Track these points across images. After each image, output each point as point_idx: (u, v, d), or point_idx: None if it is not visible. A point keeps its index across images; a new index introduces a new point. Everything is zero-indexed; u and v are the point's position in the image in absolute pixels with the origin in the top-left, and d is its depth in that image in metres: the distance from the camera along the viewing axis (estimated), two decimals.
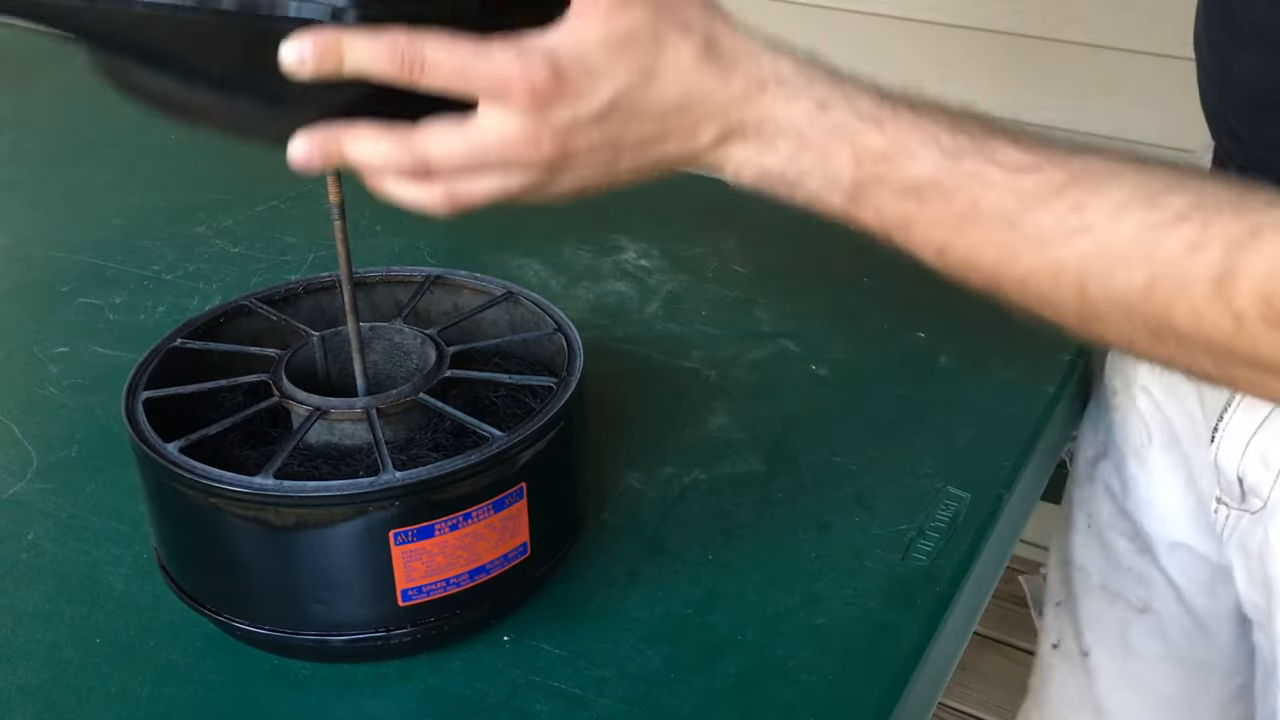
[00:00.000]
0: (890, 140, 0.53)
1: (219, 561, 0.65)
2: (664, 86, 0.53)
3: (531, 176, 0.54)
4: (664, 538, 0.75)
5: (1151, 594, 0.87)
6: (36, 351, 0.94)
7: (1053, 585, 0.96)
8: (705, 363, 0.91)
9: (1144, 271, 0.50)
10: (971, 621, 0.75)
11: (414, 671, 0.67)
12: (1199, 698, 0.89)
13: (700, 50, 0.53)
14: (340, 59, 0.50)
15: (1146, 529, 0.86)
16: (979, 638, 1.66)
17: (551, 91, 0.51)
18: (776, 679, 0.66)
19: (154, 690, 0.66)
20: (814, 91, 0.54)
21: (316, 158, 0.53)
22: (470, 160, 0.53)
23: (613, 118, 0.53)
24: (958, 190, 0.53)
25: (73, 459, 0.82)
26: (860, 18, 1.57)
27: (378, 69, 0.50)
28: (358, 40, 0.50)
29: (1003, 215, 0.52)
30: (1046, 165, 0.52)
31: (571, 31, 0.52)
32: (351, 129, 0.53)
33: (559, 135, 0.52)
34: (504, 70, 0.51)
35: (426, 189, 0.54)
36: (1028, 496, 0.83)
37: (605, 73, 0.52)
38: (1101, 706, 0.92)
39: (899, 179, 0.53)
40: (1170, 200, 0.50)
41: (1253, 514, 0.73)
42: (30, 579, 0.73)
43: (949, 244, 0.54)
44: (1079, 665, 0.93)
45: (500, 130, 0.52)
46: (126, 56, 0.54)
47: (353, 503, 0.61)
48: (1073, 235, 0.51)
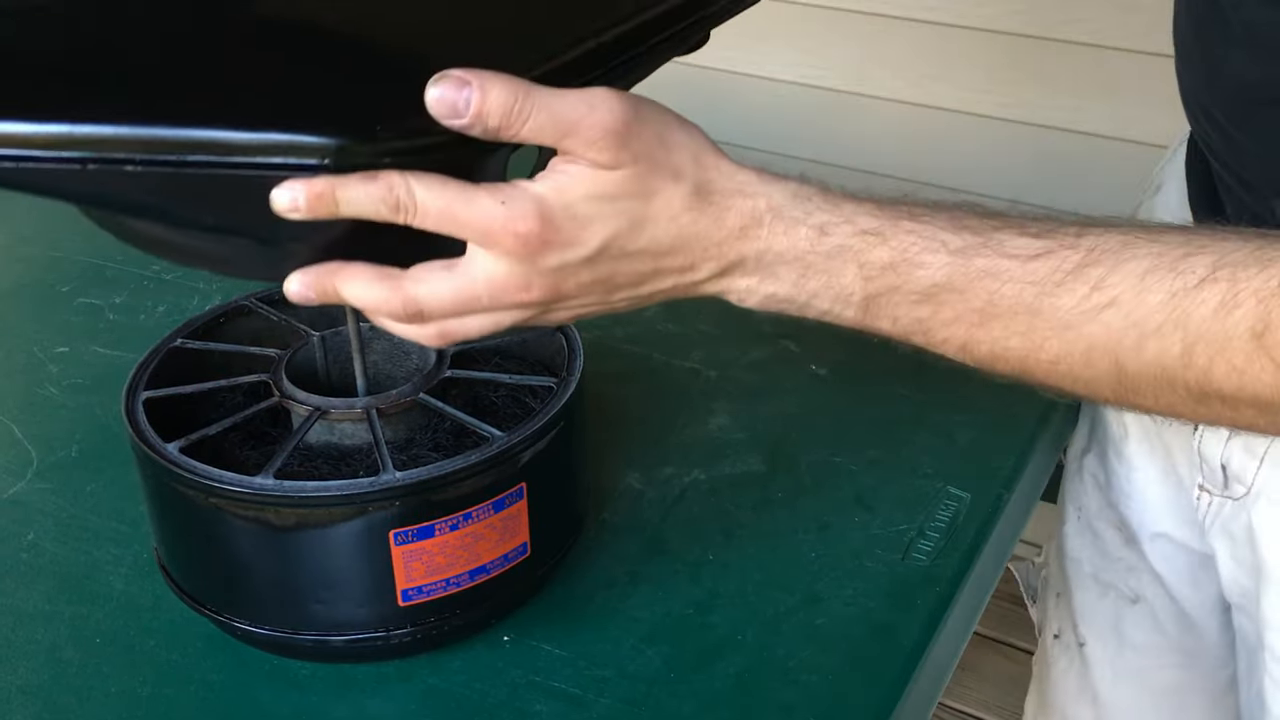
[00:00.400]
0: (896, 252, 0.53)
1: (219, 561, 0.65)
2: (656, 232, 0.53)
3: (524, 314, 0.54)
4: (664, 538, 0.75)
5: (1141, 584, 0.88)
6: (36, 351, 0.94)
7: (1053, 577, 0.97)
8: (705, 363, 0.91)
9: (1178, 338, 0.49)
10: (971, 621, 0.75)
11: (414, 671, 0.67)
12: (1192, 689, 0.90)
13: (691, 196, 0.53)
14: (334, 202, 0.50)
15: (1129, 520, 0.87)
16: (979, 637, 1.66)
17: (539, 240, 0.51)
18: (776, 679, 0.66)
19: (154, 690, 0.66)
20: (812, 218, 0.54)
21: (312, 296, 0.53)
22: (460, 305, 0.53)
23: (603, 260, 0.53)
24: (972, 289, 0.53)
25: (73, 459, 0.82)
26: (860, 17, 1.57)
27: (371, 211, 0.50)
28: (350, 183, 0.49)
29: (1022, 305, 0.52)
30: (1058, 248, 0.52)
31: (559, 184, 0.52)
32: (344, 269, 0.53)
33: (548, 278, 0.52)
34: (489, 219, 0.51)
35: (420, 328, 0.54)
36: (1028, 496, 0.83)
37: (594, 220, 0.52)
38: (1099, 697, 0.93)
39: (910, 288, 0.54)
40: (1192, 264, 0.50)
41: (1236, 500, 0.74)
42: (30, 579, 0.73)
43: (972, 340, 0.54)
44: (1077, 656, 0.93)
45: (490, 274, 0.52)
46: (120, 211, 0.54)
47: (353, 503, 0.61)
48: (1098, 312, 0.51)
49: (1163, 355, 0.50)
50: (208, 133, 0.48)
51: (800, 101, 1.65)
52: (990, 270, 0.53)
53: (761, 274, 0.55)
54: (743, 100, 1.63)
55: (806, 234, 0.54)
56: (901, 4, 1.55)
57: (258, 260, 0.55)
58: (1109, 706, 0.92)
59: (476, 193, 0.51)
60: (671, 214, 0.53)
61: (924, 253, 0.53)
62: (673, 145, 0.53)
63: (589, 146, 0.51)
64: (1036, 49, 1.49)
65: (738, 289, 0.56)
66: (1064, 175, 1.50)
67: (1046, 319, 0.52)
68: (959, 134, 1.57)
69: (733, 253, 0.54)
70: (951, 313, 0.54)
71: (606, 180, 0.52)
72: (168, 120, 0.48)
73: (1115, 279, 0.51)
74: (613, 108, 0.51)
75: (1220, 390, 0.49)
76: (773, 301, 0.56)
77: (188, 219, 0.52)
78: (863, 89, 1.62)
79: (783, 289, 0.55)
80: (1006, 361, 0.54)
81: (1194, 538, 0.82)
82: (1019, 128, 1.53)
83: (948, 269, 0.53)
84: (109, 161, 0.48)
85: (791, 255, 0.54)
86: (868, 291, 0.54)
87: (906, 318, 0.55)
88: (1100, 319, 0.51)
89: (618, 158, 0.51)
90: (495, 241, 0.51)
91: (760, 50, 1.61)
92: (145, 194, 0.50)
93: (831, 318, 0.56)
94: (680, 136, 0.54)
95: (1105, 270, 0.51)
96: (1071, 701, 0.95)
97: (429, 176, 0.50)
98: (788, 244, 0.54)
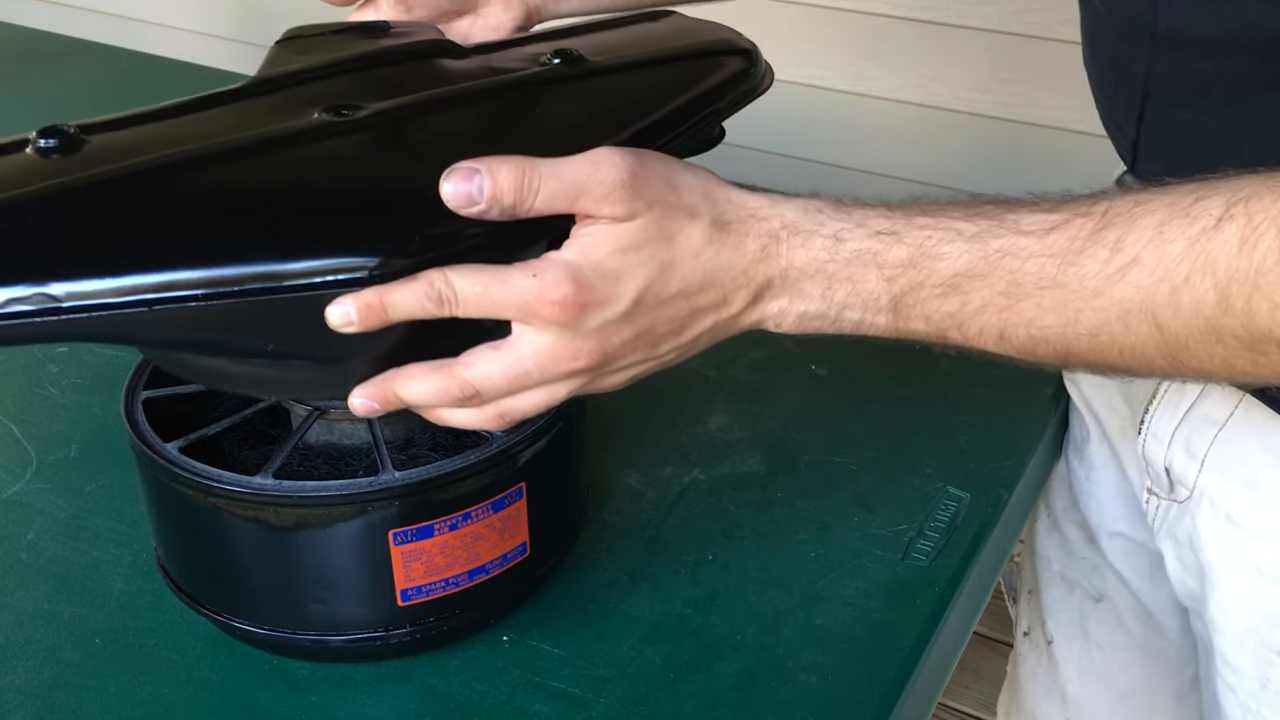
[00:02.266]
0: (913, 247, 0.54)
1: (219, 561, 0.65)
2: (685, 272, 0.54)
3: (577, 383, 0.56)
4: (664, 538, 0.75)
5: (1105, 583, 0.88)
6: (36, 351, 0.94)
7: (1025, 575, 0.97)
8: (705, 363, 0.91)
9: (1209, 284, 0.49)
10: (971, 621, 0.75)
11: (413, 671, 0.67)
12: (1157, 687, 0.90)
13: (710, 230, 0.55)
14: (385, 311, 0.53)
15: (1090, 519, 0.87)
16: (978, 637, 1.66)
17: (576, 304, 0.52)
18: (776, 679, 0.66)
19: (154, 690, 0.66)
20: (825, 228, 0.55)
21: (376, 406, 0.56)
22: (514, 382, 0.55)
23: (641, 312, 0.54)
24: (994, 271, 0.53)
25: (73, 459, 0.82)
26: (860, 17, 1.57)
27: (418, 309, 0.53)
28: (396, 290, 0.52)
29: (1047, 279, 0.52)
30: (1072, 217, 0.52)
31: (583, 246, 0.53)
32: (400, 373, 0.55)
33: (593, 341, 0.54)
34: (525, 293, 0.52)
35: (479, 411, 0.56)
36: (1028, 496, 0.83)
37: (625, 274, 0.53)
38: (1067, 695, 0.93)
39: (934, 280, 0.54)
40: (1205, 206, 0.49)
41: (1180, 503, 0.74)
42: (30, 579, 0.73)
43: (1007, 325, 0.54)
44: (1045, 653, 0.94)
45: (537, 349, 0.54)
46: (186, 348, 0.57)
47: (352, 503, 0.61)
48: (1123, 274, 0.50)
49: (1199, 304, 0.49)
50: (264, 267, 0.52)
51: (800, 101, 1.66)
52: (1009, 249, 0.52)
53: (790, 293, 0.56)
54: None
55: (823, 244, 0.55)
56: (901, 4, 1.55)
57: (318, 380, 0.58)
58: (1076, 704, 0.93)
59: (509, 272, 0.53)
60: (695, 251, 0.54)
61: (941, 244, 0.54)
62: (681, 187, 0.55)
63: (602, 202, 0.53)
64: (1036, 49, 1.49)
65: (772, 313, 0.57)
66: (1064, 175, 1.50)
67: (1074, 290, 0.51)
68: (959, 134, 1.57)
69: (759, 276, 0.55)
70: (980, 299, 0.54)
71: (627, 232, 0.53)
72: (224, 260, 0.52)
73: (1133, 237, 0.50)
74: (616, 162, 0.53)
75: (1270, 332, 0.48)
76: (806, 320, 0.57)
77: (248, 348, 0.56)
78: (863, 89, 1.62)
79: (813, 305, 0.56)
80: (1047, 343, 0.53)
81: (1150, 539, 0.82)
82: (1019, 128, 1.53)
83: (967, 255, 0.53)
84: (173, 301, 0.52)
85: (813, 268, 0.55)
86: (893, 292, 0.55)
87: (938, 313, 0.55)
88: (1128, 280, 0.50)
89: (632, 207, 0.53)
90: (535, 314, 0.53)
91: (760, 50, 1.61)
92: (208, 327, 0.53)
93: (866, 328, 0.57)
94: (687, 177, 0.55)
95: (1121, 231, 0.50)
96: (1041, 700, 0.96)
97: (463, 266, 0.53)
98: (807, 257, 0.55)
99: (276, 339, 0.55)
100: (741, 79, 0.70)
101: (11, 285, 0.50)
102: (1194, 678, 0.87)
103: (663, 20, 0.77)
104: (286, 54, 0.68)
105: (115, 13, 2.21)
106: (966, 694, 1.66)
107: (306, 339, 0.54)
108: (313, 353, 0.56)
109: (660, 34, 0.74)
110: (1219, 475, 0.71)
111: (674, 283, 0.54)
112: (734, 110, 0.69)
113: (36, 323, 0.51)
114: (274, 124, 0.59)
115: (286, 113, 0.61)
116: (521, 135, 0.62)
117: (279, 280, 0.52)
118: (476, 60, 0.70)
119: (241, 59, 2.00)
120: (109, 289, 0.51)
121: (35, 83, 1.42)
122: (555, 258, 0.53)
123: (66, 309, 0.51)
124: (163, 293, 0.52)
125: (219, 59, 1.73)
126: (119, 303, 0.51)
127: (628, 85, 0.67)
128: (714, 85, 0.68)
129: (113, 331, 0.53)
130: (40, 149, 0.56)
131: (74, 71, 1.44)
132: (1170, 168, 0.54)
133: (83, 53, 1.51)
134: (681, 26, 0.76)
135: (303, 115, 0.60)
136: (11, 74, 1.44)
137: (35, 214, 0.53)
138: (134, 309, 0.52)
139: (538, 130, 0.63)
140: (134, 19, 2.20)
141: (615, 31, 0.75)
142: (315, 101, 0.61)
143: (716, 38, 0.73)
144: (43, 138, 0.56)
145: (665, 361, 0.57)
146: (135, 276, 0.51)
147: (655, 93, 0.66)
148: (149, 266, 0.52)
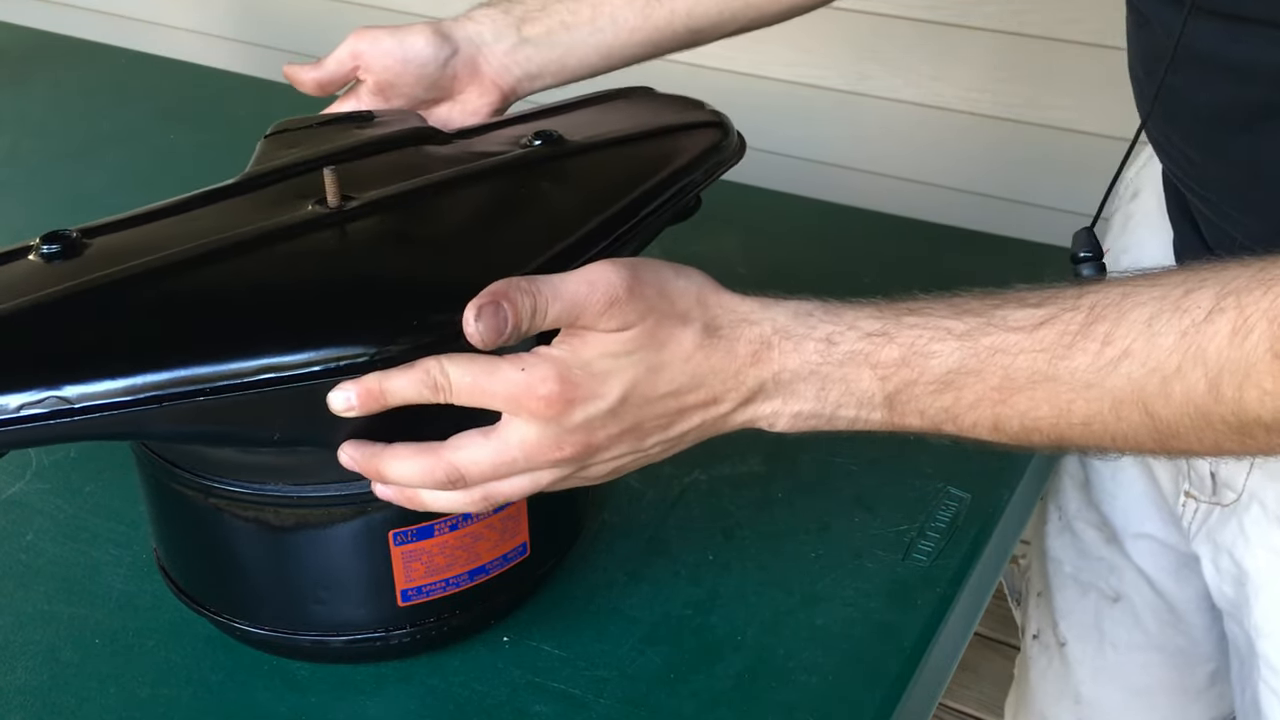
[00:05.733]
0: (904, 347, 0.55)
1: (218, 562, 0.65)
2: (673, 374, 0.55)
3: (562, 471, 0.57)
4: (664, 538, 0.75)
5: (1123, 583, 0.88)
6: None
7: (1034, 577, 0.97)
8: None
9: (1200, 374, 0.49)
10: (972, 622, 0.75)
11: (413, 672, 0.67)
12: (1174, 685, 0.90)
13: (701, 335, 0.56)
14: (384, 396, 0.55)
15: (1111, 520, 0.87)
16: (979, 638, 1.66)
17: (562, 400, 0.54)
18: (776, 679, 0.66)
19: (154, 690, 0.66)
20: (817, 332, 0.56)
21: (360, 471, 0.58)
22: (498, 469, 0.56)
23: (627, 410, 0.55)
24: (986, 368, 0.54)
25: (72, 459, 0.82)
26: (860, 17, 1.57)
27: (415, 395, 0.55)
28: (394, 374, 0.54)
29: (1039, 374, 0.53)
30: (1060, 313, 0.53)
31: (574, 346, 0.54)
32: (389, 451, 0.56)
33: (577, 434, 0.55)
34: (513, 386, 0.54)
35: (465, 494, 0.57)
36: (1028, 496, 0.83)
37: (612, 373, 0.55)
38: (1080, 697, 0.93)
39: (927, 378, 0.55)
40: (1196, 299, 0.50)
41: (1224, 506, 0.74)
42: (30, 579, 0.73)
43: (1001, 418, 0.54)
44: (1057, 656, 0.94)
45: (522, 438, 0.55)
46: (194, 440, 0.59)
47: (352, 503, 0.61)
48: (1115, 366, 0.51)
49: (1190, 394, 0.50)
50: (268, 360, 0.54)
51: (800, 101, 1.66)
52: (999, 346, 0.53)
53: (783, 395, 0.57)
54: (742, 100, 1.63)
55: (815, 347, 0.56)
56: (902, 3, 1.55)
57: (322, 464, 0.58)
58: (1090, 705, 0.93)
59: (499, 364, 0.54)
60: (685, 355, 0.55)
61: (931, 342, 0.54)
62: (674, 294, 0.56)
63: (598, 318, 0.54)
64: (1036, 49, 1.49)
65: (764, 415, 0.57)
66: (1064, 174, 1.50)
67: (1066, 383, 0.52)
68: (959, 134, 1.57)
69: (751, 379, 0.56)
70: (973, 395, 0.54)
71: (618, 339, 0.55)
72: (229, 355, 0.54)
73: (1122, 330, 0.51)
74: (611, 280, 0.54)
75: (1259, 418, 0.49)
76: (800, 420, 0.57)
77: (254, 436, 0.57)
78: (863, 89, 1.62)
79: (807, 405, 0.57)
80: (1041, 433, 0.54)
81: (1180, 540, 0.82)
82: (1019, 128, 1.53)
83: (958, 354, 0.54)
84: (182, 396, 0.53)
85: (806, 370, 0.56)
86: (887, 391, 0.55)
87: (932, 409, 0.55)
88: (1119, 372, 0.51)
89: (625, 320, 0.54)
90: (522, 406, 0.54)
91: (760, 50, 1.62)
92: (216, 420, 0.55)
93: (861, 424, 0.57)
94: (680, 283, 0.56)
95: (1111, 324, 0.51)
96: (1053, 703, 0.95)
97: (458, 355, 0.55)
98: (799, 360, 0.56)
99: (281, 427, 0.57)
100: (715, 151, 0.72)
101: (25, 391, 0.52)
102: (1212, 674, 0.87)
103: (636, 96, 0.79)
104: (275, 148, 0.71)
105: (115, 13, 2.21)
106: (967, 694, 1.66)
107: (309, 425, 0.56)
108: (315, 438, 0.57)
109: (635, 110, 0.77)
110: (1270, 478, 0.71)
111: (661, 384, 0.55)
112: (710, 181, 0.71)
113: (51, 424, 0.52)
114: (269, 219, 0.61)
115: (280, 207, 0.63)
116: (511, 218, 0.64)
117: (283, 371, 0.54)
118: (460, 145, 0.73)
119: (241, 59, 2.00)
120: (120, 389, 0.53)
121: (35, 83, 1.42)
122: (545, 353, 0.55)
123: (79, 410, 0.52)
124: (172, 389, 0.53)
125: (219, 59, 1.73)
126: (130, 400, 0.53)
127: (609, 163, 0.69)
128: (691, 158, 0.70)
129: (125, 430, 0.55)
130: (44, 255, 0.58)
131: (74, 71, 1.45)
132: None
133: (83, 53, 1.52)
134: (655, 101, 0.79)
135: (296, 208, 0.62)
136: (11, 74, 1.44)
137: (45, 320, 0.54)
138: (145, 406, 0.53)
139: (527, 213, 0.65)
140: (134, 19, 2.20)
141: (591, 110, 0.77)
142: (307, 194, 0.63)
143: (689, 111, 0.76)
144: (46, 243, 0.59)
145: (652, 456, 0.59)
146: (145, 375, 0.53)
147: (636, 169, 0.68)
148: (158, 365, 0.53)
